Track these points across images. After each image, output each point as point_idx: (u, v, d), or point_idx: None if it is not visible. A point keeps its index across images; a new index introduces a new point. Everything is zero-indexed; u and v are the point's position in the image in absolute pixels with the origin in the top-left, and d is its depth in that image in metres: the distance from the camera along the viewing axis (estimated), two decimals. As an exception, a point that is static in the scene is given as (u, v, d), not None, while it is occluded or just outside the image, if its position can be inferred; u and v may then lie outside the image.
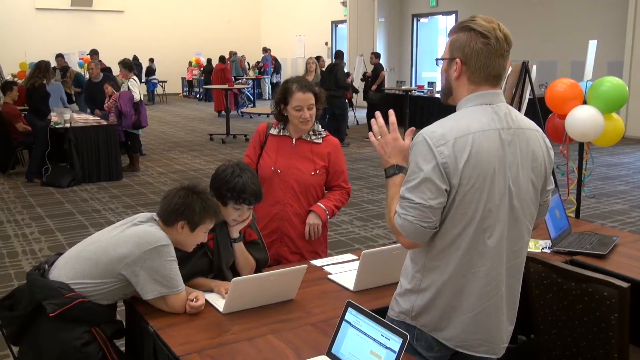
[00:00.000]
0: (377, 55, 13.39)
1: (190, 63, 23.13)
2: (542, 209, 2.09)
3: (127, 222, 2.45)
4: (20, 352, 2.48)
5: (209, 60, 20.64)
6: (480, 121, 1.88)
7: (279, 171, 3.17)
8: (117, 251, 2.32)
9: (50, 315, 2.26)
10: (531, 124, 2.02)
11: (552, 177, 2.07)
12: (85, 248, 2.42)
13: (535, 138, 1.98)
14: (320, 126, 3.26)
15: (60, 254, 2.52)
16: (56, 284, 2.31)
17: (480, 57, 1.88)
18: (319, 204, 3.20)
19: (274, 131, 3.26)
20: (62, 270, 2.37)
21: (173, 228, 2.40)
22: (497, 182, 1.87)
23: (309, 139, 3.21)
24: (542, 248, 3.10)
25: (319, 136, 3.22)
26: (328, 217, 3.22)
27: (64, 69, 12.99)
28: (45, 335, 2.33)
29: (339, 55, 12.16)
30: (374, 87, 12.78)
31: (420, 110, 13.63)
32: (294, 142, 3.21)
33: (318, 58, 13.35)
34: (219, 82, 16.31)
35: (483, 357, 2.01)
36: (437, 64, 2.04)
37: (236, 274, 2.72)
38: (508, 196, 1.90)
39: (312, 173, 3.17)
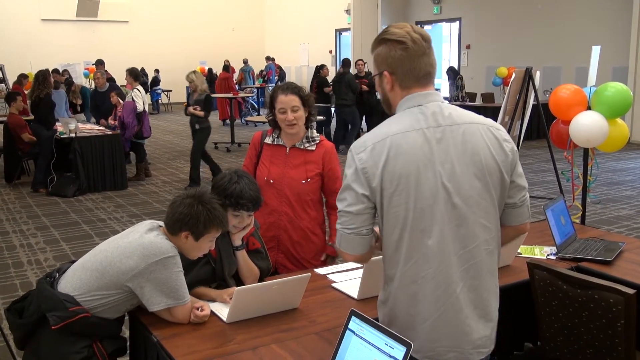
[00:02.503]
0: None
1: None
2: (516, 211, 1.99)
3: (133, 231, 2.44)
4: (24, 357, 2.49)
5: (209, 70, 20.70)
6: (402, 124, 1.89)
7: (271, 181, 3.19)
8: (124, 263, 2.31)
9: (53, 327, 2.25)
10: (473, 117, 1.95)
11: (520, 172, 1.98)
12: (91, 259, 2.41)
13: (475, 132, 1.91)
14: (315, 131, 3.26)
15: (73, 262, 2.52)
16: (62, 296, 2.30)
17: (405, 63, 1.92)
18: (332, 244, 3.22)
19: (268, 140, 3.28)
20: (70, 281, 2.37)
21: (177, 237, 2.39)
22: (425, 181, 1.84)
23: (302, 147, 3.21)
24: (548, 254, 3.08)
25: (313, 143, 3.22)
26: None
27: (68, 82, 13.03)
28: (45, 346, 2.33)
29: (346, 63, 12.07)
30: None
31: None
32: (287, 151, 3.22)
33: (322, 67, 13.29)
34: (222, 91, 16.35)
35: None
36: (372, 82, 2.08)
37: (239, 282, 2.71)
38: (444, 194, 1.85)
39: (303, 181, 3.18)
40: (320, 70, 13.28)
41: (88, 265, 2.38)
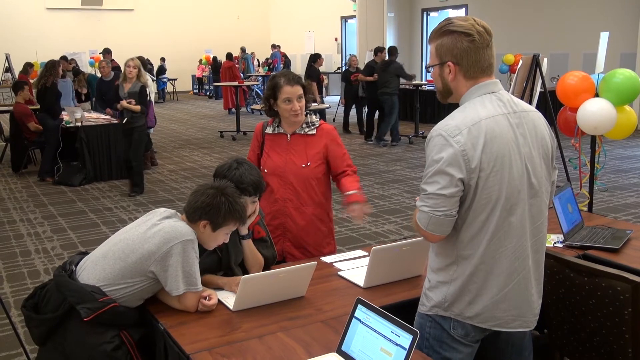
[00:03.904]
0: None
1: (200, 61, 23.16)
2: (554, 186, 2.21)
3: (150, 218, 2.45)
4: (44, 352, 2.47)
5: (214, 58, 20.66)
6: (487, 108, 1.99)
7: (275, 170, 3.21)
8: (145, 248, 2.32)
9: (85, 319, 2.25)
10: (530, 107, 2.15)
11: (555, 157, 2.18)
12: (112, 248, 2.41)
13: (538, 119, 2.11)
14: (313, 116, 3.28)
15: (83, 254, 2.53)
16: (89, 288, 2.30)
17: (471, 55, 1.99)
18: (352, 192, 3.18)
19: (269, 130, 3.29)
20: (92, 273, 2.36)
21: (196, 225, 2.40)
22: (515, 163, 1.97)
23: (302, 133, 3.23)
24: (555, 242, 3.07)
25: (313, 127, 3.24)
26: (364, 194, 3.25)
27: (76, 71, 13.02)
28: (74, 339, 2.32)
29: (392, 51, 11.56)
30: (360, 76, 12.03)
31: (430, 104, 13.58)
32: (289, 138, 3.23)
33: (318, 56, 13.06)
34: (227, 79, 16.31)
35: (517, 332, 2.11)
36: (428, 71, 2.14)
37: (245, 271, 2.72)
38: (526, 175, 2.00)
39: (303, 165, 3.19)
40: (316, 60, 12.91)
41: (110, 255, 2.38)
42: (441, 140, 1.94)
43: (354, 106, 12.93)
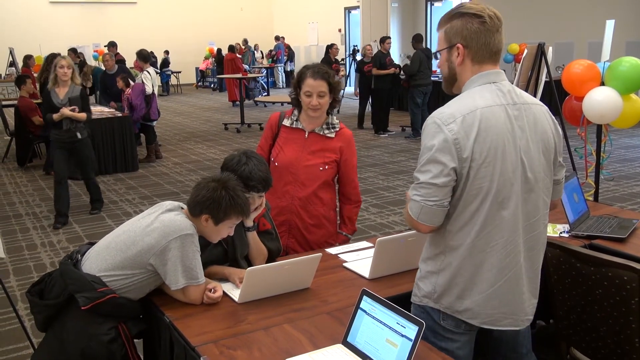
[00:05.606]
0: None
1: (206, 56, 23.08)
2: (557, 187, 2.15)
3: (154, 211, 2.45)
4: (45, 340, 2.50)
5: (219, 51, 20.63)
6: (486, 98, 1.95)
7: (287, 165, 3.16)
8: (145, 241, 2.32)
9: (82, 308, 2.26)
10: (535, 99, 2.09)
11: (562, 152, 2.13)
12: (115, 239, 2.42)
13: (541, 112, 2.05)
14: (335, 118, 3.22)
15: (92, 244, 2.54)
16: (89, 277, 2.32)
17: (480, 36, 1.97)
18: (344, 233, 3.33)
19: (286, 122, 3.22)
20: (94, 262, 2.38)
21: (198, 219, 2.40)
22: (509, 155, 1.93)
23: (322, 133, 3.16)
24: (561, 232, 3.06)
25: (333, 130, 3.17)
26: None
27: (81, 63, 13.01)
28: (72, 327, 2.34)
29: (419, 39, 11.28)
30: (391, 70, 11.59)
31: (434, 94, 13.49)
32: (306, 135, 3.18)
33: (331, 45, 13.03)
34: (230, 71, 16.27)
35: (507, 330, 2.07)
36: (436, 58, 2.15)
37: (251, 264, 2.71)
38: (521, 168, 1.95)
39: (321, 168, 3.14)
40: (329, 49, 12.85)
41: (112, 246, 2.39)
42: (435, 127, 1.92)
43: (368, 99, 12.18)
